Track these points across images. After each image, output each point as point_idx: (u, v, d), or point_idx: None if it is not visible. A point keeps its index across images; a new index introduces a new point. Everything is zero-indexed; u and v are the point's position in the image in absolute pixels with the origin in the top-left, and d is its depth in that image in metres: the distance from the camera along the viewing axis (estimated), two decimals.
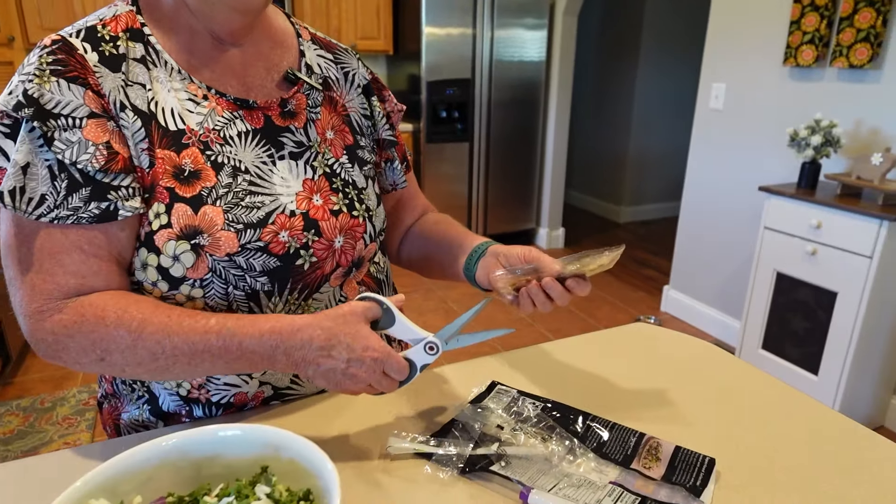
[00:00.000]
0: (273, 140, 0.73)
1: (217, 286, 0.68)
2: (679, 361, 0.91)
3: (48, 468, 0.66)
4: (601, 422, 0.73)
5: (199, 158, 0.68)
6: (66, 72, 0.62)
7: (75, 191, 0.62)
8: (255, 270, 0.69)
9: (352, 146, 0.81)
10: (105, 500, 0.50)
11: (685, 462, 0.66)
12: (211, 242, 0.66)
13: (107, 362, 0.63)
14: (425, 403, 0.78)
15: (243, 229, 0.67)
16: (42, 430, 2.06)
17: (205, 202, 0.66)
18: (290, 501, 0.50)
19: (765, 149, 2.59)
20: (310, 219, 0.72)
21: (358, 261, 0.79)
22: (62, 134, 0.61)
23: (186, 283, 0.67)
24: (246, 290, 0.69)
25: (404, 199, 0.94)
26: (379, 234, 0.82)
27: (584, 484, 0.63)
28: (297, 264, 0.71)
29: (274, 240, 0.69)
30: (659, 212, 5.10)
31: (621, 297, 3.47)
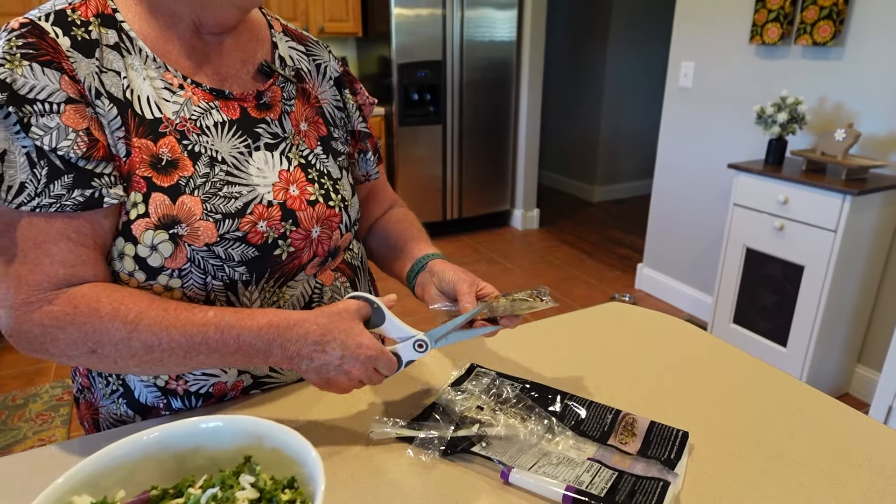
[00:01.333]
0: (249, 131, 0.73)
1: (196, 276, 0.67)
2: (652, 339, 0.93)
3: (26, 466, 0.66)
4: (578, 400, 0.75)
5: (177, 148, 0.67)
6: (39, 55, 0.60)
7: (57, 178, 0.60)
8: (234, 260, 0.68)
9: (325, 137, 0.81)
10: (88, 496, 0.50)
11: (660, 436, 0.68)
12: (189, 232, 0.65)
13: (98, 354, 0.62)
14: (406, 388, 0.79)
15: (222, 219, 0.67)
16: (15, 427, 2.03)
17: (183, 192, 0.66)
18: (274, 490, 0.51)
19: (733, 126, 2.63)
20: (287, 209, 0.72)
21: (334, 250, 0.79)
22: (39, 119, 0.59)
23: (164, 274, 0.66)
24: (224, 280, 0.69)
25: (374, 191, 0.95)
26: (354, 224, 0.83)
27: (563, 461, 0.65)
28: (275, 254, 0.71)
29: (252, 230, 0.69)
30: (632, 190, 5.16)
31: (596, 276, 3.52)
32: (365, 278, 0.90)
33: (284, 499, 0.50)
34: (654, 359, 0.87)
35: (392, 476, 0.64)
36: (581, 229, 4.35)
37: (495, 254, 3.86)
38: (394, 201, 0.99)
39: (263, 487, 0.51)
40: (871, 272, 2.15)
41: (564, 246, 4.01)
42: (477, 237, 4.15)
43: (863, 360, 2.31)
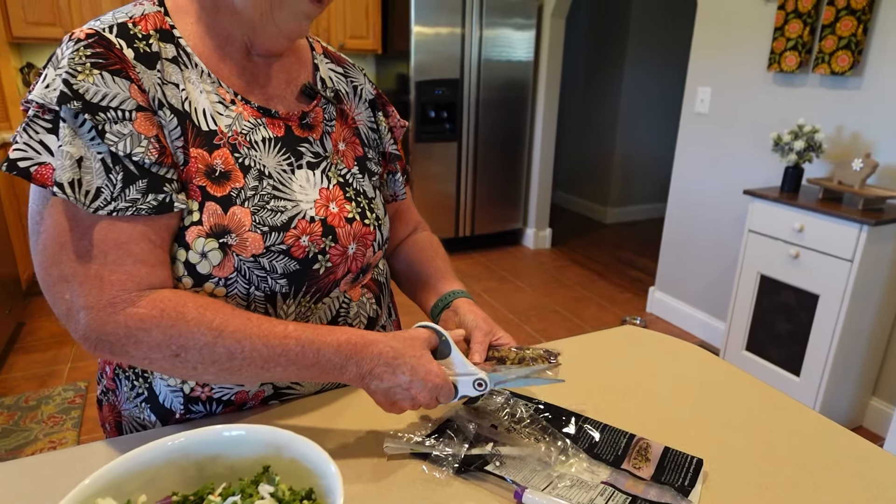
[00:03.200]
0: (293, 149, 0.75)
1: (240, 286, 0.69)
2: (666, 363, 0.93)
3: (49, 467, 0.67)
4: (593, 423, 0.75)
5: (230, 160, 0.69)
6: (109, 65, 0.63)
7: (132, 183, 0.62)
8: (277, 273, 0.71)
9: (361, 157, 0.84)
10: (111, 499, 0.51)
11: (674, 462, 0.68)
12: (238, 242, 0.68)
13: (180, 359, 0.63)
14: None
15: (268, 232, 0.69)
16: (27, 428, 2.05)
17: (234, 203, 0.68)
18: (292, 501, 0.52)
19: (749, 152, 2.63)
20: (328, 225, 0.74)
21: (366, 267, 0.82)
22: (113, 126, 0.61)
23: (211, 281, 0.68)
24: (266, 292, 0.71)
25: (400, 212, 0.97)
26: (385, 242, 0.85)
27: (576, 484, 0.65)
28: (313, 269, 0.73)
29: (296, 244, 0.71)
30: (645, 213, 5.16)
31: (608, 298, 3.51)
32: (387, 295, 0.92)
33: None
34: (668, 384, 0.87)
35: (406, 492, 0.64)
36: (593, 250, 4.34)
37: (507, 272, 3.86)
38: (418, 224, 1.01)
39: (282, 498, 0.52)
40: (887, 303, 2.13)
41: (576, 266, 4.01)
42: (489, 255, 4.16)
43: (878, 392, 2.28)
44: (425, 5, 3.58)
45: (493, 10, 3.76)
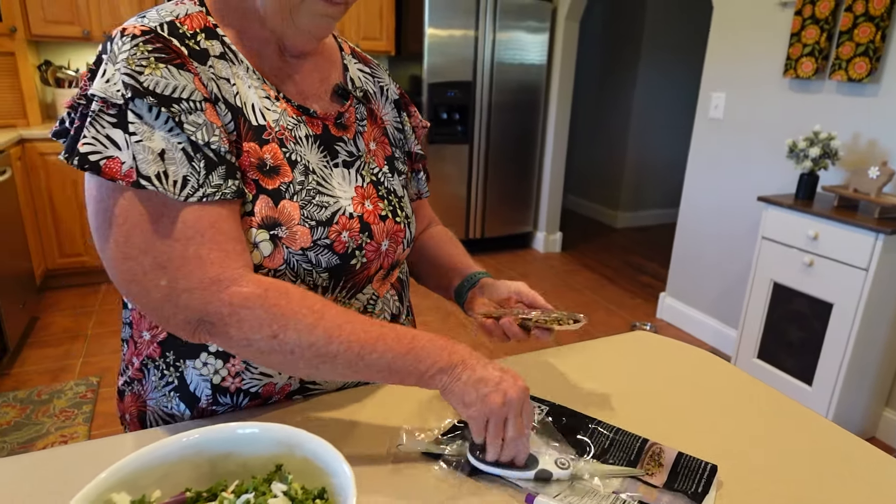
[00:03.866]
0: (329, 148, 0.77)
1: (288, 278, 0.71)
2: (678, 370, 0.92)
3: (63, 460, 0.67)
4: (605, 426, 0.75)
5: (279, 154, 0.71)
6: (171, 59, 0.64)
7: (213, 169, 0.64)
8: (321, 266, 0.72)
9: (390, 157, 0.86)
10: (126, 494, 0.51)
11: (687, 468, 0.68)
12: (288, 235, 0.69)
13: (278, 340, 0.62)
14: (434, 405, 0.79)
15: (315, 226, 0.71)
16: (39, 422, 2.06)
17: (283, 196, 0.69)
18: (305, 499, 0.52)
19: (763, 159, 2.62)
20: (364, 222, 0.76)
21: (395, 264, 0.84)
22: (188, 117, 0.63)
23: (261, 272, 0.69)
24: (310, 285, 0.73)
25: (416, 209, 0.98)
26: (413, 240, 0.87)
27: (588, 493, 0.64)
28: (351, 264, 0.75)
29: (338, 239, 0.73)
30: (656, 218, 5.13)
31: (617, 303, 3.49)
32: (407, 293, 0.93)
33: None
34: (680, 389, 0.86)
35: (418, 492, 0.64)
36: (603, 255, 4.32)
37: (516, 275, 3.85)
38: (432, 219, 1.03)
39: (295, 496, 0.52)
40: None
41: (586, 270, 3.99)
42: (499, 258, 4.16)
43: (892, 403, 2.25)
44: (439, 8, 3.59)
45: (506, 12, 3.76)
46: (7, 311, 2.37)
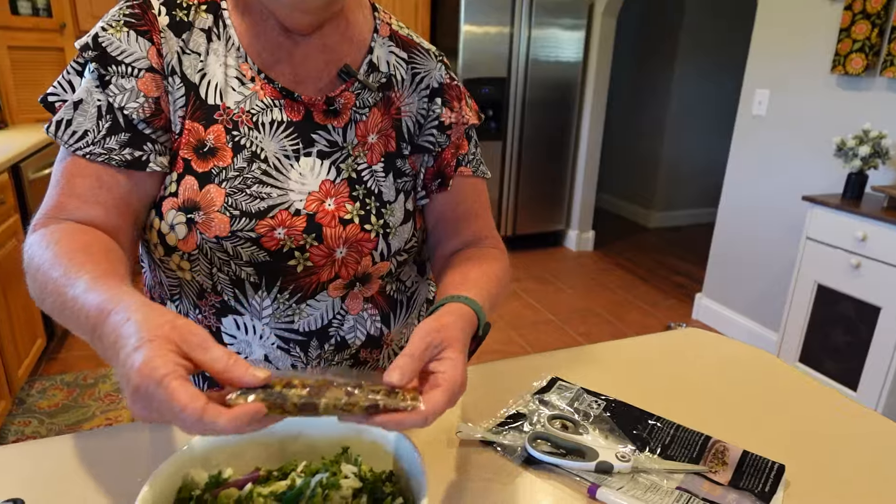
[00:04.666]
0: (305, 136, 0.72)
1: (202, 264, 0.70)
2: (734, 368, 0.90)
3: (125, 438, 0.69)
4: (665, 423, 0.74)
5: (222, 137, 0.69)
6: (138, 25, 0.67)
7: (114, 133, 0.65)
8: (241, 259, 0.69)
9: (392, 154, 0.76)
10: (202, 470, 0.52)
11: (753, 467, 0.66)
12: (204, 221, 0.67)
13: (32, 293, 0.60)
14: (489, 393, 0.79)
15: (239, 216, 0.68)
16: (85, 405, 2.12)
17: (212, 180, 0.68)
18: (375, 481, 0.52)
19: (808, 157, 2.55)
20: (314, 222, 0.70)
21: (363, 276, 0.76)
22: (118, 80, 0.65)
23: (177, 254, 0.70)
24: (230, 276, 0.71)
25: (446, 220, 0.82)
26: (396, 254, 0.76)
27: (650, 488, 0.63)
28: (288, 264, 0.70)
29: (268, 234, 0.68)
30: (690, 218, 5.04)
31: (651, 303, 3.44)
32: (405, 317, 0.84)
33: (388, 490, 0.51)
34: (738, 388, 0.84)
35: (476, 479, 0.64)
36: (636, 254, 4.27)
37: (548, 273, 3.83)
38: (480, 239, 0.83)
39: (365, 477, 0.52)
40: None
41: (619, 270, 3.95)
42: (530, 255, 4.13)
43: None
44: (475, 4, 3.58)
45: (542, 9, 3.73)
46: None
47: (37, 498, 0.59)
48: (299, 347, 0.76)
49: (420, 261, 0.88)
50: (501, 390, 0.80)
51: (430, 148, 0.79)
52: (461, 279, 0.70)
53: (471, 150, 0.83)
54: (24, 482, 0.62)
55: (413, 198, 0.79)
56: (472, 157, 0.84)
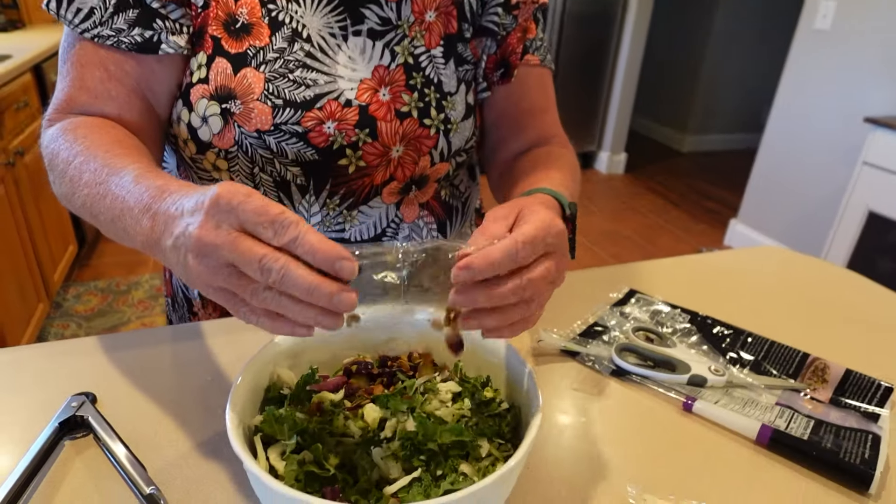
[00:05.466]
0: (353, 10, 0.62)
1: (242, 163, 0.62)
2: (823, 287, 0.85)
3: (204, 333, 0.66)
4: (757, 339, 0.69)
5: (257, 10, 0.59)
6: None
7: (123, 10, 0.57)
8: (286, 157, 0.61)
9: (454, 36, 0.67)
10: (287, 369, 0.48)
11: (856, 386, 0.62)
12: (242, 111, 0.59)
13: (57, 190, 0.56)
14: (563, 304, 0.75)
15: (282, 106, 0.59)
16: (119, 310, 2.15)
17: (248, 63, 0.59)
18: (476, 382, 0.48)
19: (875, 76, 2.38)
20: (368, 115, 0.61)
21: (420, 179, 0.68)
22: None
23: (212, 151, 0.62)
24: (274, 177, 0.63)
25: (509, 117, 0.74)
26: (456, 154, 0.69)
27: (749, 403, 0.60)
28: (339, 164, 0.62)
29: (316, 128, 0.60)
30: (725, 143, 4.85)
31: (682, 228, 3.37)
32: (460, 225, 0.77)
33: (488, 395, 0.48)
34: (828, 307, 0.79)
35: (563, 388, 0.61)
36: (668, 178, 4.15)
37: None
38: (548, 137, 0.75)
39: (466, 379, 0.49)
40: None
41: (650, 194, 3.85)
42: None
43: None
44: None
45: None
46: None
47: (108, 392, 0.57)
48: None
49: (470, 164, 0.80)
50: (576, 301, 0.76)
51: (495, 30, 0.70)
52: (530, 184, 0.61)
53: (538, 36, 0.74)
54: (93, 377, 0.60)
55: (474, 90, 0.71)
56: (540, 44, 0.74)
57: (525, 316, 0.42)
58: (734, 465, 0.52)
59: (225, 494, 0.47)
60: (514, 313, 0.42)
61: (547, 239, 0.42)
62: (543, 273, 0.41)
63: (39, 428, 0.51)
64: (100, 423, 0.52)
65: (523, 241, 0.40)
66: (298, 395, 0.45)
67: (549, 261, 0.42)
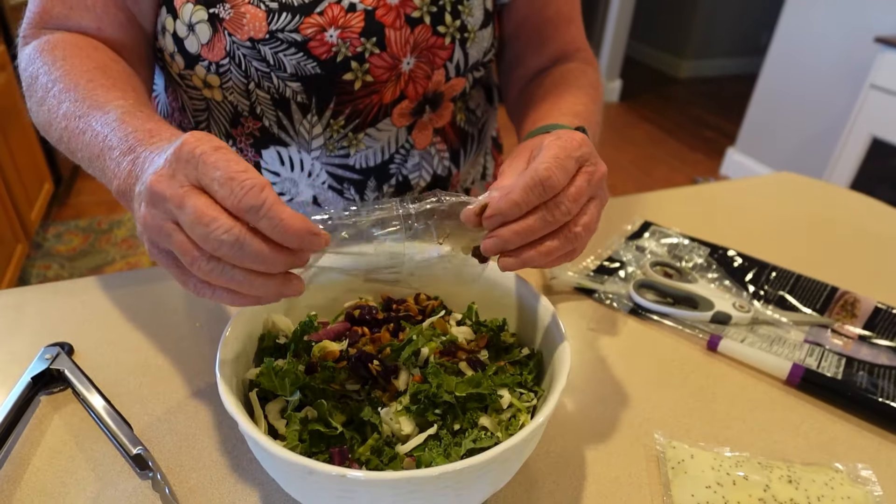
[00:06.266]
0: None
1: (236, 78, 0.55)
2: (845, 216, 0.80)
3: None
4: (782, 272, 0.65)
5: None
6: None
7: None
8: (284, 71, 0.54)
9: None
10: (283, 315, 0.44)
11: (888, 321, 0.59)
12: (233, 17, 0.52)
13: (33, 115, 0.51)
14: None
15: (278, 10, 0.52)
16: (103, 250, 2.08)
17: None
18: (493, 324, 0.44)
19: None
20: (374, 21, 0.54)
21: (434, 97, 0.61)
22: None
23: (201, 64, 0.55)
24: (272, 94, 0.57)
25: (530, 28, 0.65)
26: (473, 68, 0.62)
27: (776, 340, 0.56)
28: (344, 78, 0.56)
29: (317, 37, 0.53)
30: (723, 69, 4.70)
31: (679, 158, 3.30)
32: (474, 153, 0.70)
33: (508, 340, 0.43)
34: (854, 238, 0.75)
35: (581, 328, 0.57)
36: (664, 106, 4.03)
37: None
38: (572, 51, 0.67)
39: (483, 323, 0.44)
40: None
41: (645, 123, 3.74)
42: None
43: None
44: None
45: None
46: None
47: (86, 343, 0.52)
48: (354, 188, 0.64)
49: (487, 84, 0.73)
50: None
51: None
52: (540, 115, 0.54)
53: None
54: (68, 325, 0.55)
55: None
56: None
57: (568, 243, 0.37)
58: (765, 408, 0.49)
59: (220, 451, 0.43)
60: (556, 244, 0.37)
61: (572, 154, 0.37)
62: (576, 192, 0.36)
63: (11, 384, 0.47)
64: (77, 376, 0.47)
65: (545, 167, 0.35)
66: (296, 347, 0.41)
67: (580, 177, 0.37)
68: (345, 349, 0.41)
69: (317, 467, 0.29)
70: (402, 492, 0.30)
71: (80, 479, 0.41)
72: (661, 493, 0.41)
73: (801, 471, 0.42)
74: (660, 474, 0.43)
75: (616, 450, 0.45)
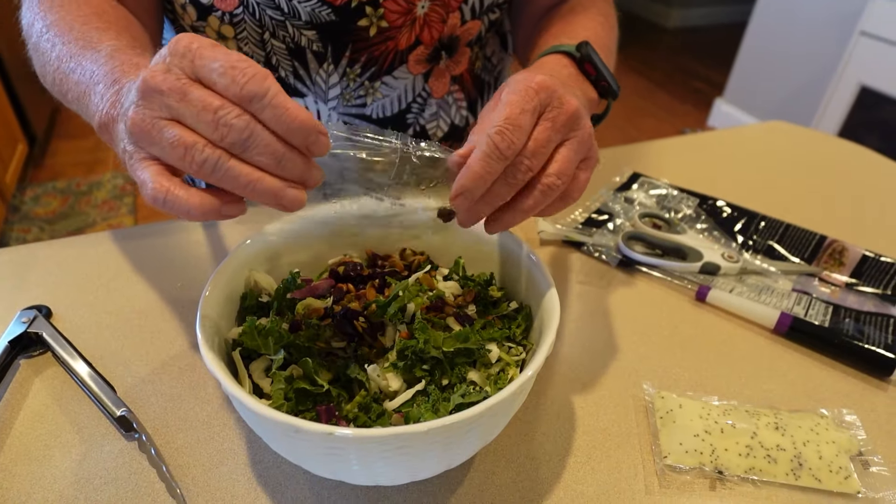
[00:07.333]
0: None
1: (251, 28, 0.54)
2: (835, 164, 0.80)
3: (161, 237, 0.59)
4: (771, 221, 0.65)
5: None
6: None
7: None
8: (299, 19, 0.53)
9: None
10: (265, 274, 0.42)
11: (875, 269, 0.59)
12: None
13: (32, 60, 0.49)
14: None
15: None
16: (83, 212, 2.04)
17: None
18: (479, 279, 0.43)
19: None
20: None
21: (449, 42, 0.60)
22: None
23: (215, 15, 0.53)
24: (288, 44, 0.56)
25: None
26: (488, 10, 0.60)
27: (763, 288, 0.56)
28: (359, 25, 0.54)
29: None
30: (713, 16, 4.62)
31: (667, 109, 3.27)
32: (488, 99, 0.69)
33: (495, 295, 0.42)
34: (842, 186, 0.74)
35: (570, 282, 0.56)
36: (652, 57, 3.97)
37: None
38: None
39: (470, 278, 0.43)
40: None
41: (632, 74, 3.69)
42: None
43: None
44: None
45: None
46: (28, 99, 2.21)
47: (64, 305, 0.51)
48: None
49: (502, 31, 0.71)
50: None
51: None
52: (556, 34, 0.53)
53: None
54: (45, 288, 0.53)
55: None
56: None
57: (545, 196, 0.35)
58: (752, 357, 0.49)
59: (207, 410, 0.42)
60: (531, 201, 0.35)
61: (526, 107, 0.33)
62: (535, 146, 0.34)
63: None
64: (57, 339, 0.46)
65: (496, 130, 0.33)
66: (279, 305, 0.39)
67: (541, 126, 0.34)
68: (329, 306, 0.40)
69: (303, 426, 0.29)
70: (390, 448, 0.30)
71: (65, 441, 0.40)
72: (650, 442, 0.42)
73: (788, 417, 0.42)
74: (648, 424, 0.43)
75: (605, 401, 0.45)
